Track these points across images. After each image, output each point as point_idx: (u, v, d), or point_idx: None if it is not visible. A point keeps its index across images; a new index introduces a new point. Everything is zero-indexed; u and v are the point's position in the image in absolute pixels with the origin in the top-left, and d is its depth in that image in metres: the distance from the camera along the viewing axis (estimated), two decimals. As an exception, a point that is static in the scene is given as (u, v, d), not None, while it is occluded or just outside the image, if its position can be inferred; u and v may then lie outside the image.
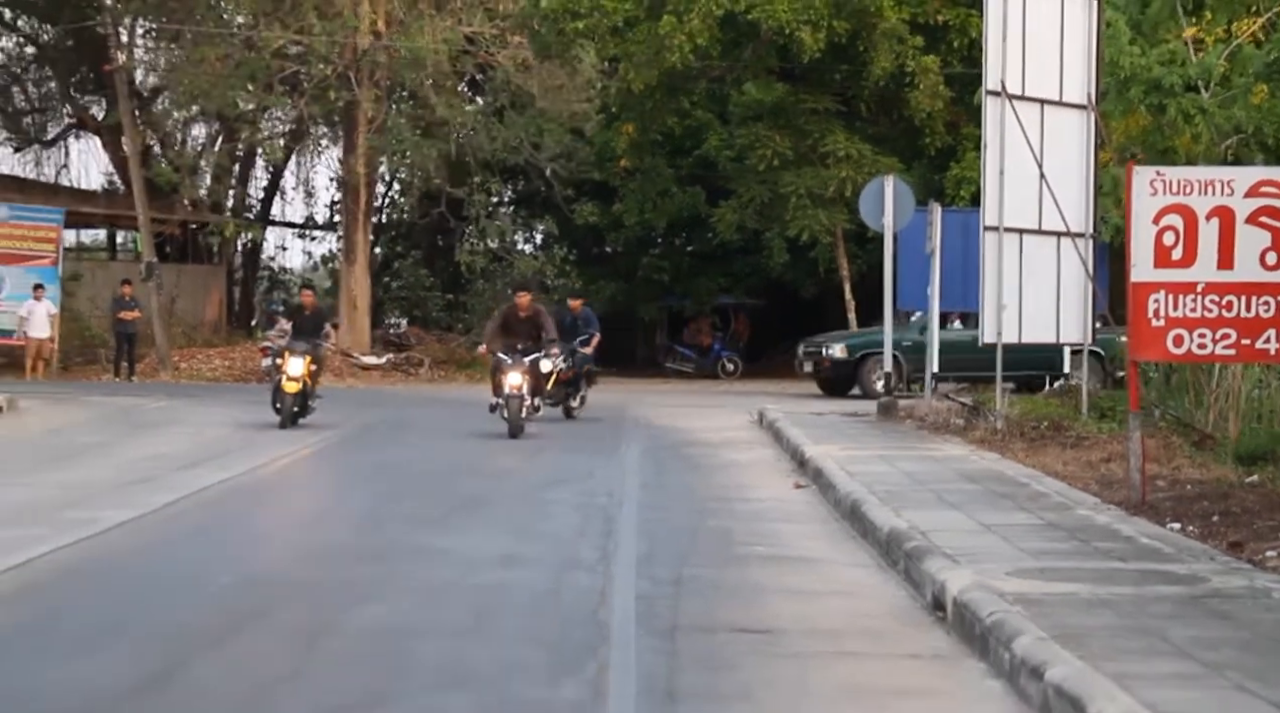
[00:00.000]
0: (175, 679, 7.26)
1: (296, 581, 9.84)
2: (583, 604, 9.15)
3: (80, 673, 7.23)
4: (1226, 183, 12.19)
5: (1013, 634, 7.47)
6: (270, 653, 7.74)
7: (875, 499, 12.58)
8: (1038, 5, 18.95)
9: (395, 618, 8.70)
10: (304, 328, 20.94)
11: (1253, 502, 12.03)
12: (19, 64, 43.59)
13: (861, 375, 28.31)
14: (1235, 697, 6.31)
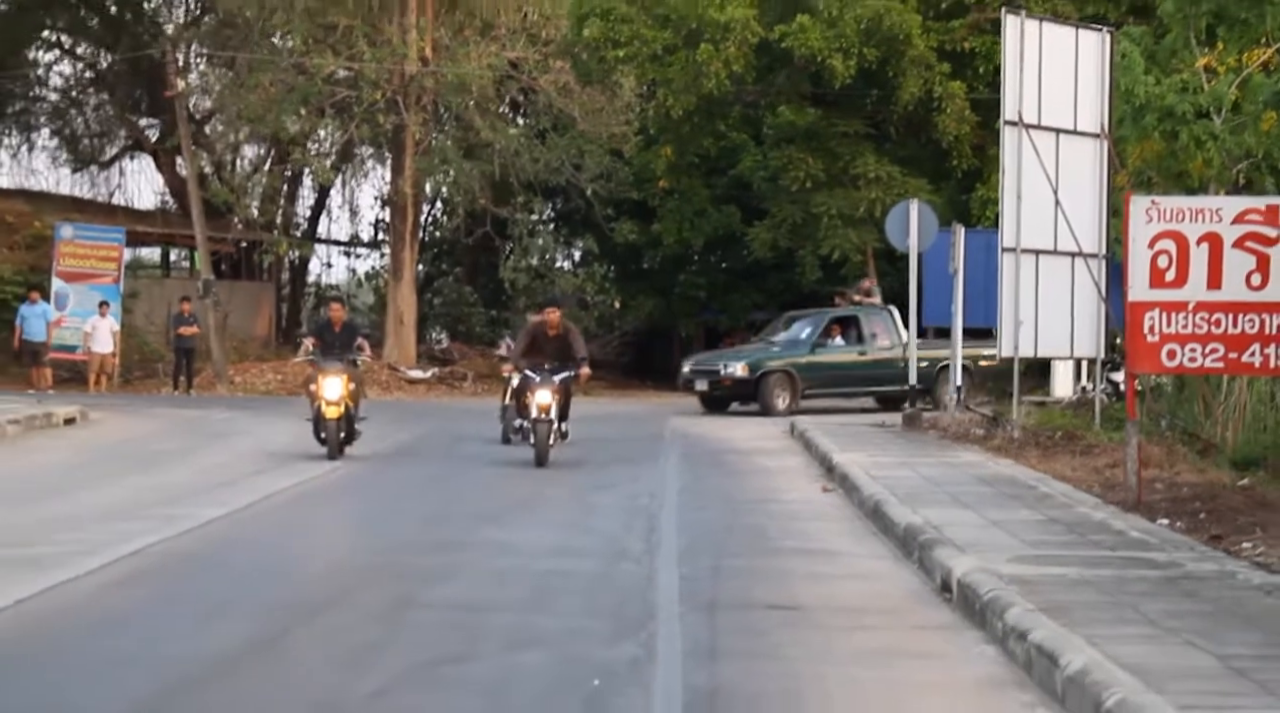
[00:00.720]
0: (282, 644, 8.52)
1: (376, 566, 11.11)
2: (632, 586, 10.40)
3: (201, 641, 8.50)
4: (1215, 211, 13.38)
5: (1005, 607, 8.70)
6: (362, 624, 8.99)
7: (895, 499, 13.79)
8: (1053, 40, 20.15)
9: (467, 596, 9.96)
10: (334, 345, 18.98)
11: (1239, 502, 13.19)
12: (78, 88, 45.11)
13: (762, 393, 28.54)
14: (1182, 649, 7.53)
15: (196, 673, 7.67)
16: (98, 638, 8.52)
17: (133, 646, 8.30)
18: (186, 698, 7.30)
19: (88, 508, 13.81)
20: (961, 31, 31.64)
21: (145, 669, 7.77)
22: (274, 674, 7.80)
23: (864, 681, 7.78)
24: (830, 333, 29.59)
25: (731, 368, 28.85)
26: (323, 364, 18.53)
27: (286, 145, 38.78)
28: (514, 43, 36.84)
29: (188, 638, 8.53)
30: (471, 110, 36.36)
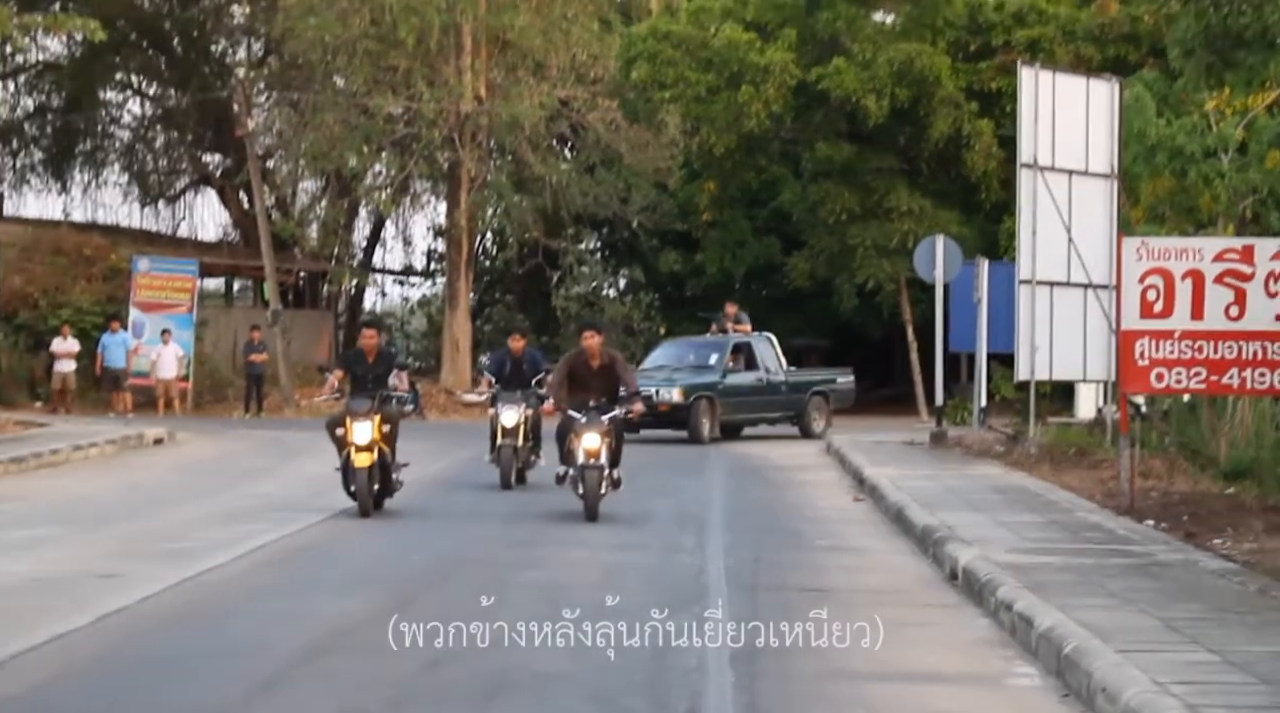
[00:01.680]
0: (411, 608, 10.35)
1: (471, 557, 13.02)
2: (685, 573, 12.26)
3: (342, 605, 10.43)
4: (1197, 250, 15.18)
5: (996, 585, 10.53)
6: (469, 597, 10.84)
7: (916, 505, 15.60)
8: (1065, 89, 21.99)
9: (549, 578, 11.83)
10: (366, 378, 16.08)
11: (1221, 507, 14.99)
12: (147, 126, 47.33)
13: (693, 419, 27.33)
14: (1133, 614, 9.35)
15: (345, 626, 9.61)
16: (256, 602, 10.51)
17: (288, 607, 10.28)
18: (347, 638, 9.29)
19: (206, 514, 15.76)
20: (989, 72, 33.46)
21: (304, 622, 9.72)
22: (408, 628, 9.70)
23: (872, 636, 9.60)
24: (734, 359, 28.91)
25: (667, 393, 27.12)
26: (352, 403, 15.69)
27: (349, 181, 40.79)
28: (564, 82, 38.70)
29: (329, 603, 10.47)
30: (524, 146, 38.22)
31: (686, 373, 27.99)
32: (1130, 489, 15.32)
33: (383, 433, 15.58)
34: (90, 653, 8.97)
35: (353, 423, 15.47)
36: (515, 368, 19.17)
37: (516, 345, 19.33)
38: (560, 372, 16.15)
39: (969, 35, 34.98)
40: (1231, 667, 7.85)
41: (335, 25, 36.29)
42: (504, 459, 18.38)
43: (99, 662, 8.76)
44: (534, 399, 18.42)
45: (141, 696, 7.99)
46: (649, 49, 34.28)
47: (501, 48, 38.53)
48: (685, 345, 30.21)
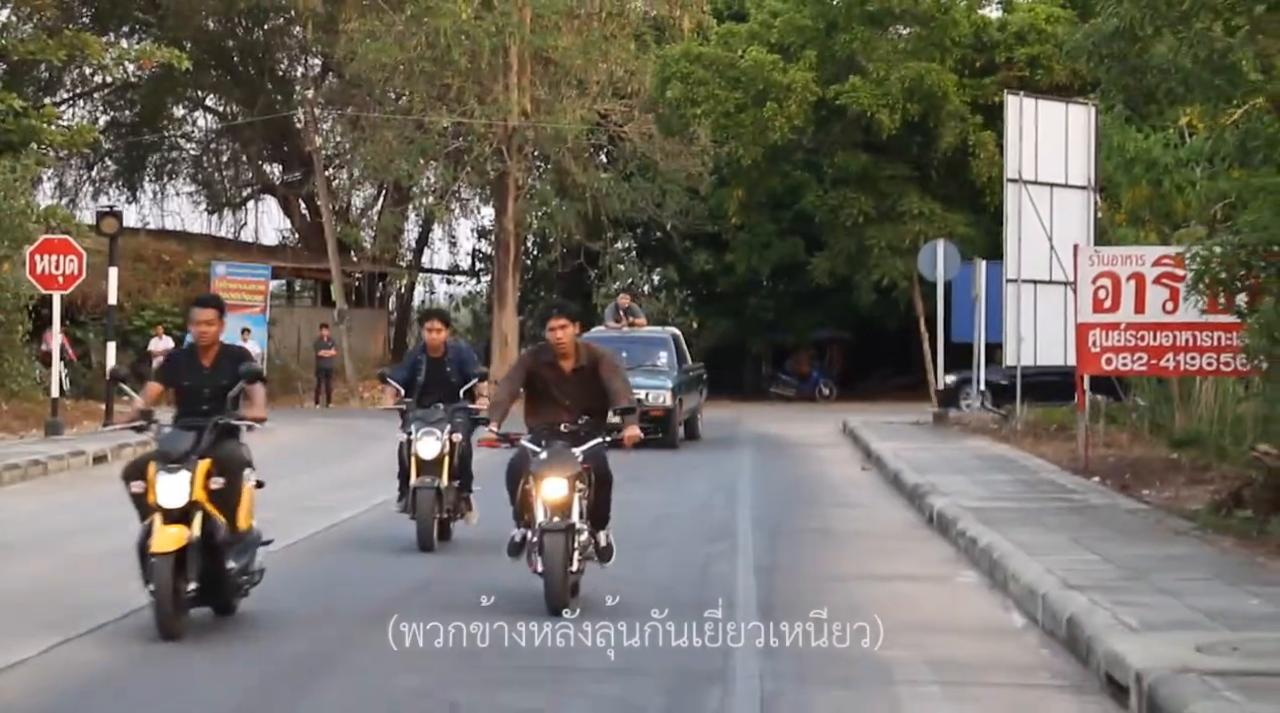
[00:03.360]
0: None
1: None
2: (718, 521, 15.57)
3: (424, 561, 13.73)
4: (1139, 257, 18.42)
5: (957, 519, 13.80)
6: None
7: (911, 470, 18.86)
8: (1047, 113, 25.20)
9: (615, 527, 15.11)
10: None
11: (1160, 467, 18.21)
12: (215, 139, 50.85)
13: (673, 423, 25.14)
14: (1054, 537, 12.59)
15: (460, 562, 12.89)
16: (389, 542, 13.71)
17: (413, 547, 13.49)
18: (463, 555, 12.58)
19: (320, 483, 19.10)
20: (992, 88, 36.57)
21: (429, 558, 12.96)
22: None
23: (862, 556, 12.91)
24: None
25: (658, 396, 24.65)
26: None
27: (407, 189, 44.16)
28: (603, 97, 41.97)
29: (421, 564, 13.78)
30: (566, 157, 41.47)
31: (647, 373, 24.85)
32: (1085, 454, 18.58)
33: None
34: (284, 570, 12.29)
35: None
36: (435, 372, 13.50)
37: (435, 337, 13.55)
38: (512, 380, 10.66)
39: (974, 53, 38.15)
40: (1106, 562, 11.11)
41: (394, 49, 39.52)
42: (421, 508, 12.96)
43: (292, 577, 12.04)
44: (463, 417, 13.29)
45: (333, 594, 11.30)
46: (682, 70, 37.59)
47: (545, 66, 41.75)
48: (615, 342, 24.89)
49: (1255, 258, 13.58)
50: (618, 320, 28.10)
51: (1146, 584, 10.10)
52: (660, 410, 24.34)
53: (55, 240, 25.57)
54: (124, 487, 9.66)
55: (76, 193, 50.32)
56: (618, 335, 26.60)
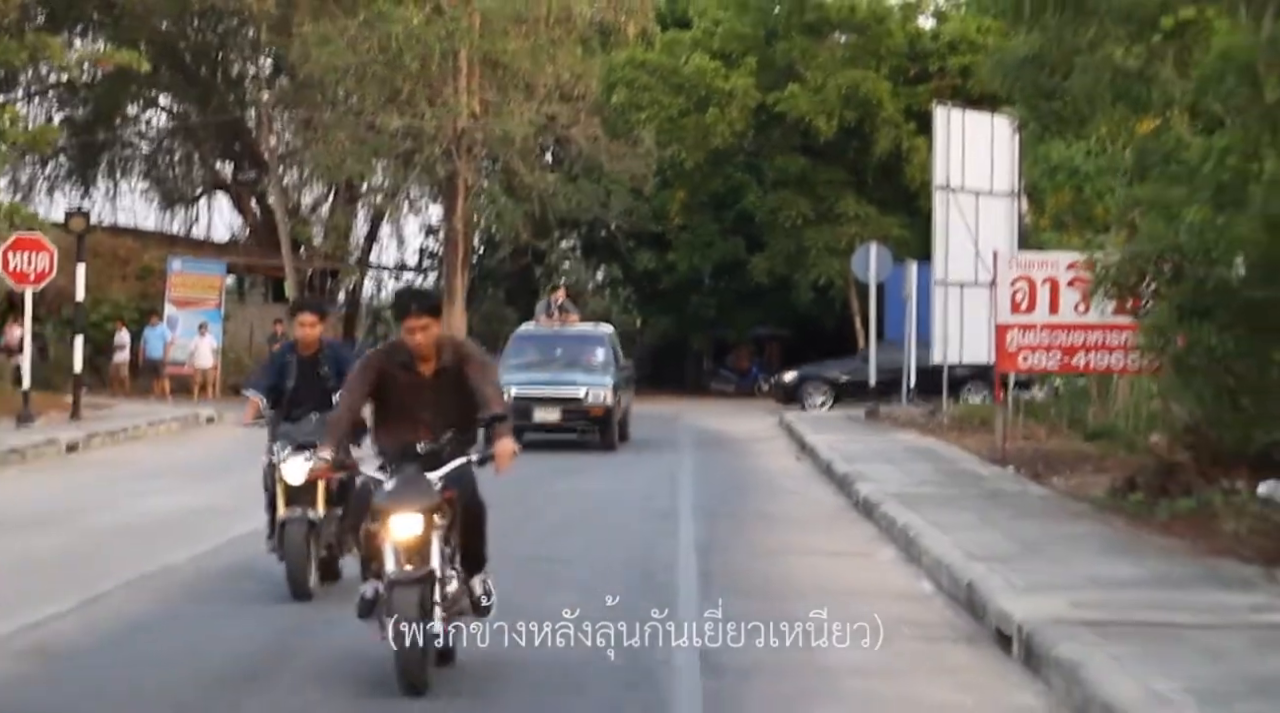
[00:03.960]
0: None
1: (509, 498, 17.54)
2: (661, 505, 16.87)
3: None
4: (1053, 262, 19.80)
5: (880, 503, 15.15)
6: (511, 521, 15.41)
7: (841, 460, 20.20)
8: (974, 123, 26.60)
9: (565, 508, 16.41)
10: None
11: (1071, 458, 19.60)
12: (168, 137, 51.76)
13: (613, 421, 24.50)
14: (964, 515, 13.95)
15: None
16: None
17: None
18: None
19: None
20: (925, 96, 38.01)
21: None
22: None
23: (787, 537, 14.23)
24: None
25: (598, 394, 24.04)
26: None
27: (357, 188, 45.26)
28: (550, 99, 43.15)
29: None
30: (514, 158, 42.61)
31: (585, 371, 24.68)
32: (1003, 445, 19.99)
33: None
34: (234, 558, 13.48)
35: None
36: (306, 375, 11.15)
37: (307, 333, 11.13)
38: (354, 389, 8.45)
39: (908, 62, 39.63)
40: (1008, 539, 12.47)
41: (346, 52, 40.54)
42: (292, 547, 10.72)
43: (239, 567, 13.23)
44: None
45: (270, 588, 12.50)
46: (627, 76, 38.93)
47: (494, 70, 42.86)
48: (550, 339, 26.30)
49: (1149, 265, 14.95)
50: (551, 316, 27.48)
51: (1040, 556, 11.46)
52: (600, 410, 23.80)
53: (27, 238, 26.60)
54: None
55: (30, 189, 51.14)
56: (552, 332, 26.54)
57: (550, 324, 27.16)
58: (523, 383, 23.65)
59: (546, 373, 24.51)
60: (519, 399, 22.70)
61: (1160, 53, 15.82)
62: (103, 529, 14.42)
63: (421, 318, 8.22)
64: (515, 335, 27.19)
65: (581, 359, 25.19)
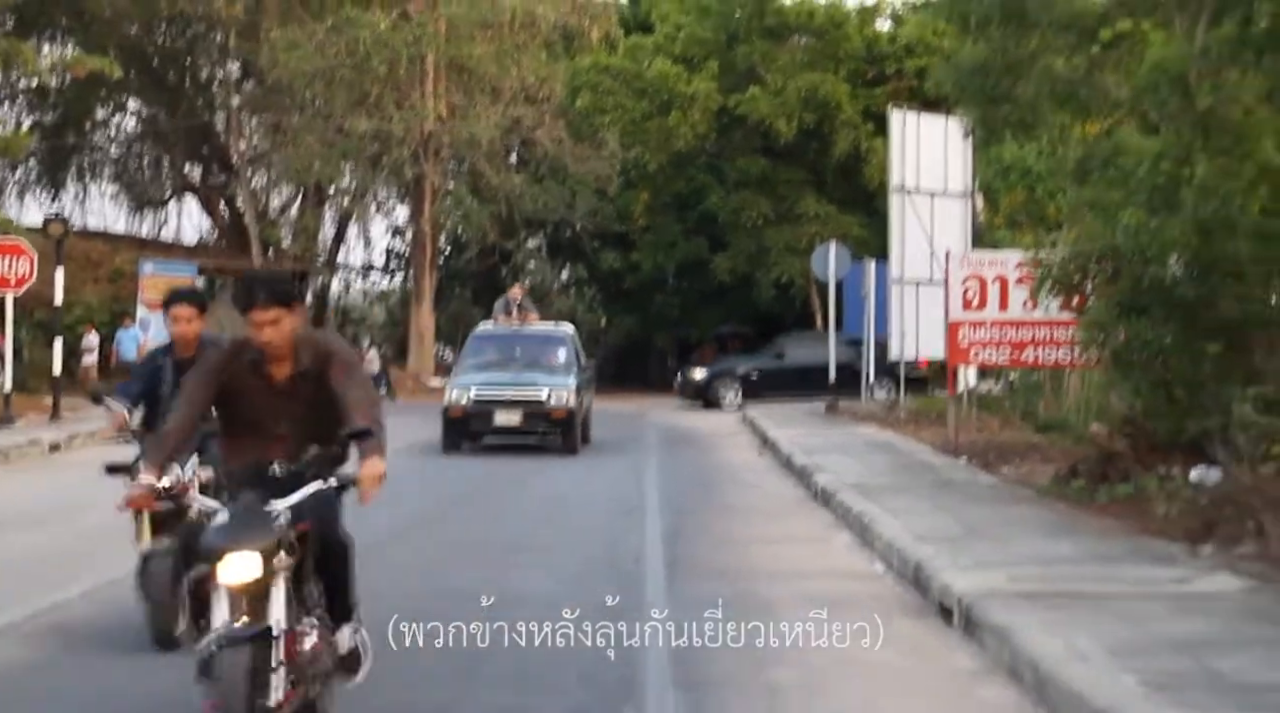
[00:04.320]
0: (451, 514, 15.72)
1: (481, 491, 18.33)
2: (629, 498, 17.65)
3: (428, 501, 15.72)
4: (1002, 261, 20.66)
5: (837, 492, 15.96)
6: (481, 513, 16.20)
7: (801, 453, 21.01)
8: (929, 126, 27.43)
9: (540, 496, 17.17)
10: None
11: (1021, 449, 20.46)
12: (138, 141, 52.33)
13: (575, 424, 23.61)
14: (918, 503, 14.77)
15: (432, 514, 14.92)
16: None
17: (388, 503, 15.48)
18: (432, 520, 14.61)
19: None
20: (882, 98, 38.92)
21: (402, 509, 14.96)
22: (461, 515, 15.03)
23: (749, 526, 15.03)
24: None
25: (560, 396, 23.24)
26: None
27: (326, 190, 45.92)
28: (515, 102, 43.94)
29: (421, 500, 15.78)
30: (481, 160, 43.43)
31: (547, 371, 23.90)
32: (955, 437, 20.84)
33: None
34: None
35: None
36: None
37: (184, 329, 9.35)
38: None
39: (866, 65, 40.56)
40: (957, 522, 13.29)
41: (315, 57, 41.30)
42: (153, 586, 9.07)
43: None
44: None
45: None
46: (591, 80, 39.77)
47: (460, 74, 43.70)
48: (509, 339, 25.38)
49: (1090, 264, 15.80)
50: (509, 315, 26.29)
51: (983, 538, 12.29)
52: (563, 412, 23.01)
53: (7, 243, 27.23)
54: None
55: (0, 193, 51.62)
56: (512, 331, 25.67)
57: (509, 323, 26.11)
58: (483, 384, 23.36)
59: (507, 374, 23.83)
60: (479, 401, 23.01)
61: (1100, 62, 16.71)
62: (107, 523, 15.09)
63: (270, 310, 6.64)
64: (473, 335, 26.30)
65: (542, 360, 24.46)
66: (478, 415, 23.08)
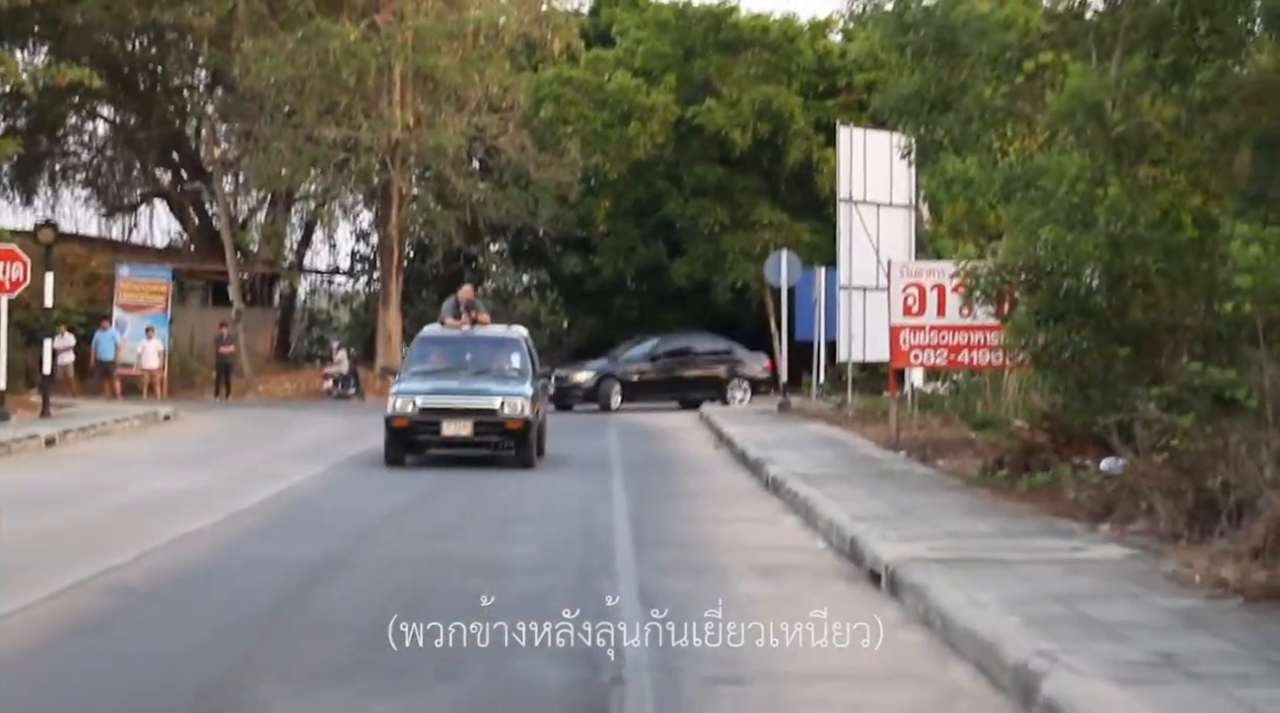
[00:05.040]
0: (430, 502, 17.29)
1: (460, 481, 19.89)
2: (598, 486, 19.25)
3: (393, 499, 17.27)
4: (940, 270, 22.35)
5: (785, 481, 17.60)
6: (455, 504, 17.77)
7: (754, 447, 22.65)
8: (875, 141, 29.13)
9: (511, 489, 18.76)
10: None
11: (956, 444, 22.11)
12: (109, 146, 53.65)
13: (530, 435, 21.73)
14: (857, 490, 16.43)
15: (399, 512, 16.48)
16: (335, 501, 17.25)
17: (357, 504, 17.04)
18: (394, 516, 16.18)
19: (257, 461, 22.44)
20: (834, 109, 40.67)
21: (370, 511, 16.51)
22: (443, 502, 16.58)
23: (709, 508, 16.66)
24: None
25: (514, 406, 21.41)
26: None
27: (294, 197, 47.37)
28: (480, 112, 45.47)
29: (383, 501, 17.33)
30: (446, 167, 44.92)
31: (499, 379, 22.32)
32: (896, 433, 22.53)
33: None
34: (242, 527, 15.76)
35: None
36: None
37: None
38: None
39: (818, 78, 42.31)
40: (891, 505, 14.94)
41: (286, 67, 42.70)
42: None
43: (251, 532, 15.55)
44: None
45: (279, 548, 14.82)
46: (554, 92, 41.38)
47: (427, 83, 45.11)
48: (458, 343, 23.68)
49: (1013, 275, 17.49)
50: (458, 317, 24.19)
51: (912, 517, 13.94)
52: (518, 423, 21.19)
53: (2, 249, 28.62)
54: None
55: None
56: (461, 335, 23.81)
57: (458, 326, 24.00)
58: (429, 393, 21.74)
59: (455, 381, 22.12)
60: (425, 410, 21.40)
61: (1023, 91, 18.44)
62: (126, 504, 16.64)
63: None
64: (419, 338, 24.57)
65: (494, 365, 22.92)
66: (423, 425, 21.50)
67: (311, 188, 48.82)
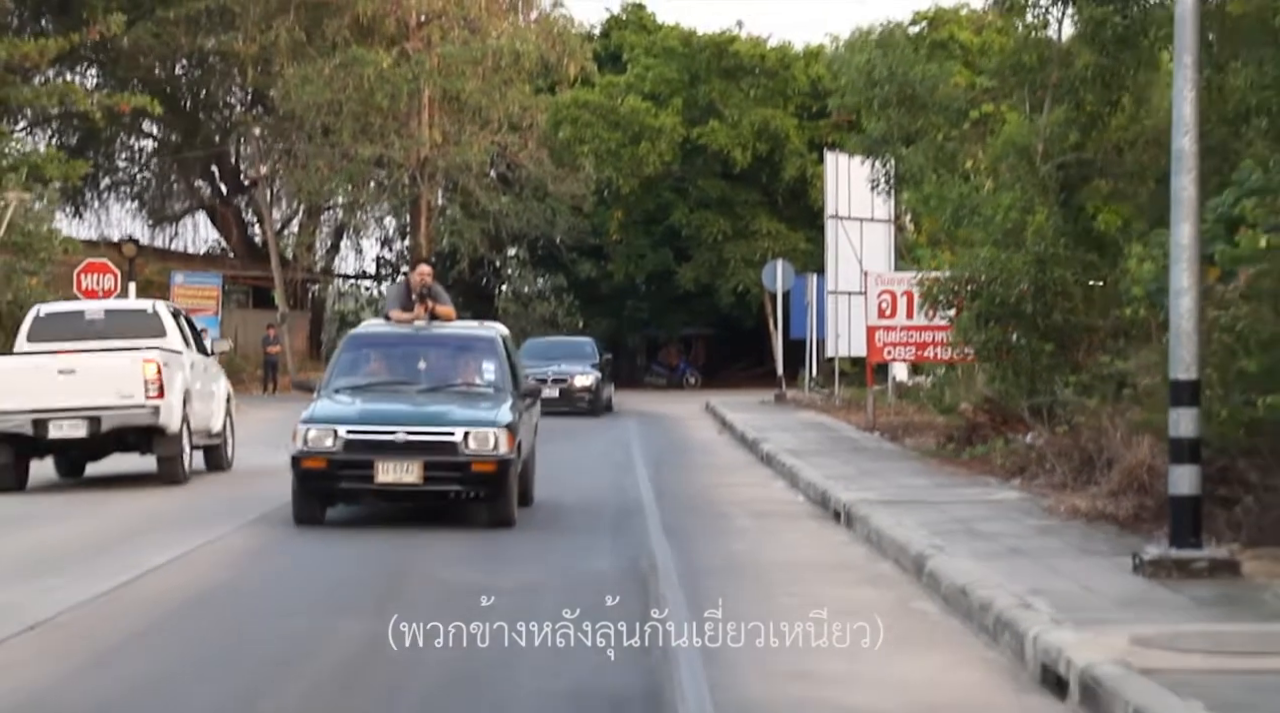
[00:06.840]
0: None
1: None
2: (620, 460, 23.29)
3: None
4: (908, 279, 26.36)
5: (776, 455, 21.66)
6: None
7: (753, 430, 26.67)
8: (858, 164, 33.07)
9: (551, 459, 22.79)
10: None
11: (925, 427, 26.07)
12: (156, 162, 57.77)
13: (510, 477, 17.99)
14: (835, 462, 20.46)
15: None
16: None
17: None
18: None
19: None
20: (826, 129, 44.73)
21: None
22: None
23: (711, 476, 20.72)
24: None
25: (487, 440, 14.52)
26: None
27: (327, 207, 51.49)
28: (502, 130, 49.54)
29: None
30: (471, 182, 49.02)
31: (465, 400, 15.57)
32: (873, 418, 26.59)
33: None
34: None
35: None
36: None
37: None
38: None
39: (811, 100, 46.32)
40: (857, 470, 18.97)
41: (324, 90, 46.80)
42: None
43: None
44: None
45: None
46: (571, 114, 45.55)
47: (453, 105, 49.25)
48: (407, 344, 16.73)
49: (960, 287, 21.51)
50: (408, 309, 17.02)
51: (872, 477, 17.99)
52: (489, 464, 14.59)
53: (96, 263, 32.68)
54: None
55: (27, 211, 56.82)
56: (412, 332, 16.83)
57: (407, 320, 16.96)
58: (356, 421, 14.89)
59: (399, 402, 15.44)
60: (350, 445, 14.59)
61: (968, 136, 22.51)
62: (251, 471, 20.65)
63: None
64: (349, 337, 17.57)
65: (458, 378, 16.21)
66: (349, 467, 14.73)
67: (349, 199, 52.88)
